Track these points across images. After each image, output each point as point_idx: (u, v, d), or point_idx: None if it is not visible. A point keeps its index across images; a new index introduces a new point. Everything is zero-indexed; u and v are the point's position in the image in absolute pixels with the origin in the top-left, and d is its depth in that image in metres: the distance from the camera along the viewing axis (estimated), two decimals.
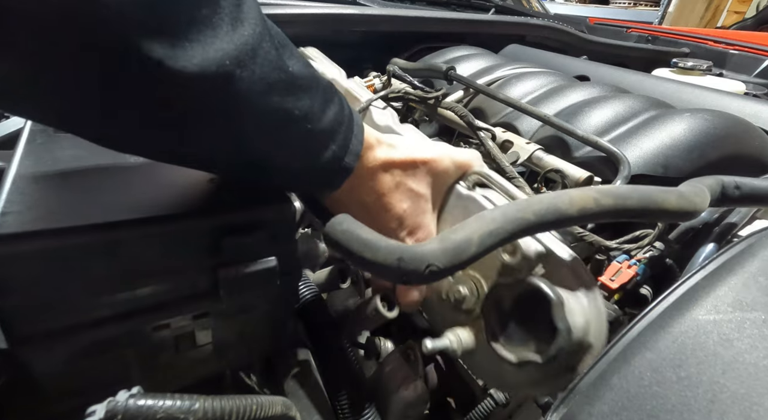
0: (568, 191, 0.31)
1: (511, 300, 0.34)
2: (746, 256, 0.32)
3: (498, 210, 0.29)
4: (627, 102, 0.62)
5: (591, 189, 0.31)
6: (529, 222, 0.28)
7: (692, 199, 0.34)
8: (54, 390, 0.33)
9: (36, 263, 0.28)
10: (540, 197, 0.30)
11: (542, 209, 0.29)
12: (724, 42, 1.40)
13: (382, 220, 0.40)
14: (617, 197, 0.31)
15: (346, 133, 0.35)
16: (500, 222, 0.28)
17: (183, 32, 0.22)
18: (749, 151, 0.58)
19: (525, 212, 0.28)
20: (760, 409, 0.22)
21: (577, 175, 0.49)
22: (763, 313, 0.27)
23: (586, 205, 0.30)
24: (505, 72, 0.82)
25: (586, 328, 0.32)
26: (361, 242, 0.28)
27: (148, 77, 0.23)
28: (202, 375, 0.43)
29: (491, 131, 0.58)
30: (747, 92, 1.06)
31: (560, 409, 0.27)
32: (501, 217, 0.28)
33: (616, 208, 0.31)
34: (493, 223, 0.28)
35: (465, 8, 1.42)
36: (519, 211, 0.29)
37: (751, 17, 3.31)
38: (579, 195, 0.30)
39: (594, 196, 0.30)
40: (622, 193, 0.31)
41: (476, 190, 0.42)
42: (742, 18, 3.97)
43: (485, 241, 0.27)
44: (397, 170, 0.40)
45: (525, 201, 0.30)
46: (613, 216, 0.31)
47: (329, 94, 0.33)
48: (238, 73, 0.25)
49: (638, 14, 4.31)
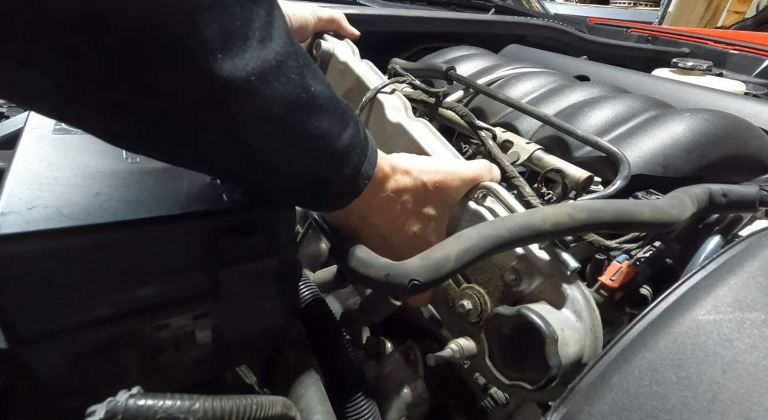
0: (543, 208, 0.33)
1: (510, 327, 0.36)
2: (746, 256, 0.32)
3: (474, 229, 0.32)
4: (627, 102, 0.62)
5: (565, 205, 0.34)
6: (504, 239, 0.31)
7: (668, 212, 0.36)
8: (54, 390, 0.33)
9: (36, 263, 0.28)
10: (515, 216, 0.33)
11: (516, 226, 0.32)
12: (724, 42, 1.40)
13: (394, 241, 0.42)
14: (591, 211, 0.33)
15: (360, 156, 0.35)
16: (476, 240, 0.31)
17: (216, 43, 0.23)
18: (749, 151, 0.58)
19: (500, 230, 0.31)
20: (760, 409, 0.22)
21: (578, 175, 0.49)
22: (763, 313, 0.27)
23: (559, 220, 0.32)
24: (505, 72, 0.82)
25: (580, 354, 0.34)
26: (357, 260, 0.35)
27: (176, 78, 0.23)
28: (202, 375, 0.43)
29: (492, 131, 0.58)
30: (747, 92, 1.06)
31: (560, 409, 0.27)
32: (477, 236, 0.31)
33: (590, 221, 0.33)
34: (470, 241, 0.31)
35: (465, 8, 1.42)
36: (494, 229, 0.32)
37: (751, 17, 3.31)
38: (552, 211, 0.33)
39: (567, 211, 0.33)
40: (595, 208, 0.33)
41: (487, 201, 0.43)
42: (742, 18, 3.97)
43: (462, 257, 0.31)
44: (408, 196, 0.41)
45: (501, 219, 0.33)
46: (588, 229, 0.34)
47: (347, 117, 0.34)
48: (262, 87, 0.26)
49: (638, 14, 4.32)
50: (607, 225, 0.34)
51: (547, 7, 1.94)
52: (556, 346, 0.32)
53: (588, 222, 0.33)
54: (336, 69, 0.69)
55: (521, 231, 0.31)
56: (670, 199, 0.38)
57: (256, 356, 0.48)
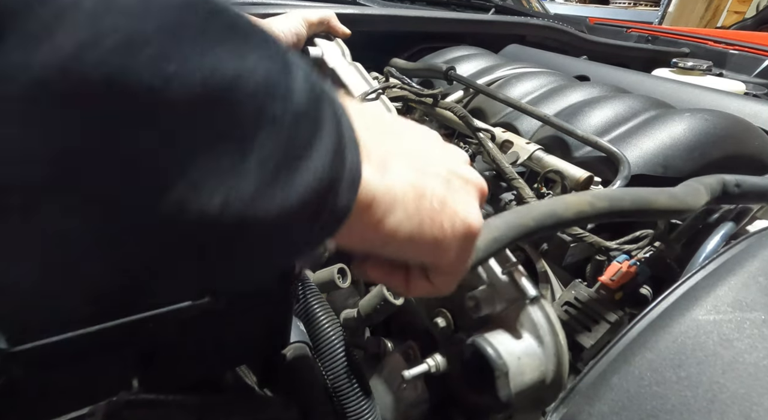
0: (565, 197, 0.33)
1: (470, 352, 0.37)
2: (746, 256, 0.32)
3: (500, 218, 0.32)
4: (627, 102, 0.62)
5: (586, 193, 0.34)
6: (529, 227, 0.31)
7: (683, 199, 0.36)
8: (54, 390, 0.33)
9: None
10: (538, 204, 0.33)
11: (541, 215, 0.31)
12: (724, 42, 1.40)
13: None
14: (612, 199, 0.33)
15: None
16: (503, 229, 0.31)
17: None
18: (749, 151, 0.58)
19: (525, 218, 0.31)
20: (760, 409, 0.22)
21: (577, 175, 0.49)
22: (763, 314, 0.27)
23: (582, 209, 0.32)
24: (505, 72, 0.82)
25: (540, 379, 0.35)
26: None
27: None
28: (202, 375, 0.43)
29: (491, 131, 0.58)
30: (747, 92, 1.06)
31: (560, 409, 0.27)
32: (504, 225, 0.31)
33: (611, 209, 0.33)
34: (497, 231, 0.31)
35: (465, 8, 1.42)
36: (519, 217, 0.31)
37: (751, 17, 3.31)
38: (575, 199, 0.33)
39: (589, 200, 0.33)
40: (615, 196, 0.34)
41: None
42: (742, 18, 3.96)
43: (490, 247, 0.30)
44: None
45: (525, 208, 0.32)
46: (608, 217, 0.34)
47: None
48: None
49: (638, 14, 4.31)
50: (626, 213, 0.34)
51: (547, 7, 1.94)
52: (507, 378, 0.34)
53: (609, 210, 0.33)
54: (327, 73, 0.69)
55: (546, 219, 0.31)
56: (685, 187, 0.39)
57: (256, 356, 0.48)
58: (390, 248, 0.25)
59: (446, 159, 0.28)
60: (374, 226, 0.23)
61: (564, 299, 0.45)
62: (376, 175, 0.23)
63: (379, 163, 0.23)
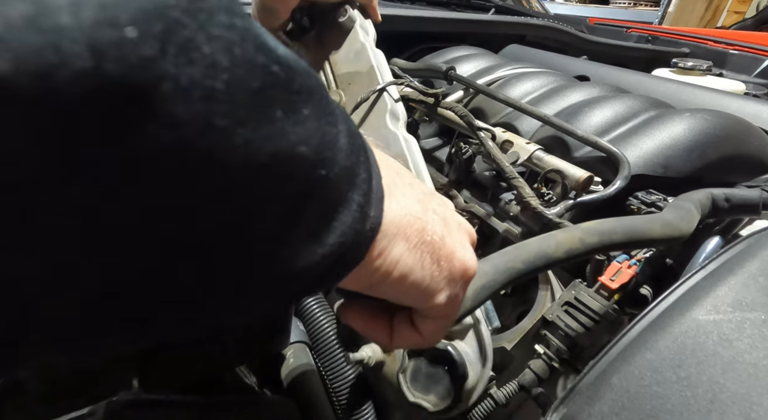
0: (555, 234, 0.33)
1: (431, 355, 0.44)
2: (746, 256, 0.32)
3: (489, 262, 0.31)
4: (627, 102, 0.62)
5: (576, 229, 0.34)
6: (519, 270, 0.31)
7: (677, 226, 0.36)
8: (54, 390, 0.33)
9: None
10: (528, 245, 0.32)
11: (531, 257, 0.31)
12: (724, 42, 1.40)
13: None
14: (602, 234, 0.33)
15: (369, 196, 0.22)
16: (491, 275, 0.30)
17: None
18: (749, 151, 0.58)
19: (515, 262, 0.30)
20: (760, 409, 0.22)
21: (578, 175, 0.49)
22: (763, 313, 0.27)
23: (572, 247, 0.32)
24: (505, 72, 0.82)
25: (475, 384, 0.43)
26: None
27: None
28: (202, 375, 0.43)
29: (491, 131, 0.58)
30: (747, 92, 1.06)
31: (560, 409, 0.27)
32: (492, 271, 0.30)
33: (602, 244, 0.33)
34: (485, 277, 0.30)
35: (465, 8, 1.42)
36: (509, 261, 0.31)
37: (751, 17, 3.31)
38: (564, 237, 0.32)
39: (579, 236, 0.33)
40: (606, 230, 0.33)
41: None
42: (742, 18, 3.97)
43: (479, 295, 0.29)
44: None
45: (514, 250, 0.32)
46: (600, 251, 0.34)
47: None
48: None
49: (638, 14, 4.32)
50: (619, 245, 0.34)
51: (547, 7, 1.94)
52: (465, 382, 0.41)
53: (600, 245, 0.33)
54: (352, 45, 0.66)
55: (536, 261, 0.31)
56: (677, 211, 0.38)
57: (256, 356, 0.48)
58: (384, 286, 0.23)
59: (441, 200, 0.28)
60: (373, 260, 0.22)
61: (564, 299, 0.45)
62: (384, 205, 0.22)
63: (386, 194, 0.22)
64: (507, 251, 0.31)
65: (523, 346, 0.48)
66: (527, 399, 0.46)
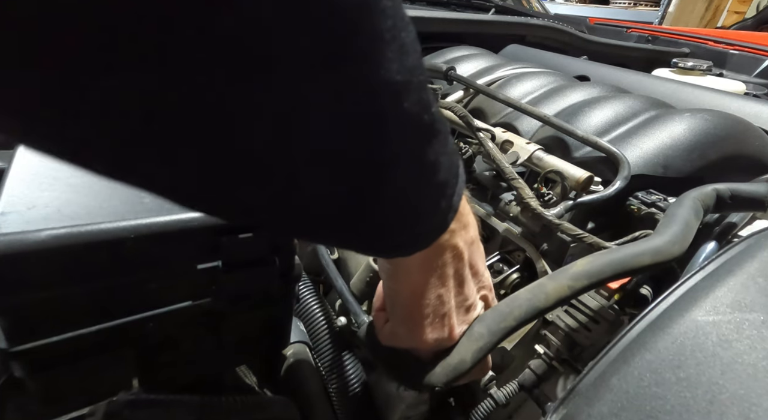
0: (544, 285, 0.34)
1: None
2: (745, 257, 0.32)
3: (484, 324, 0.33)
4: (627, 102, 0.62)
5: (564, 277, 0.35)
6: (512, 327, 0.33)
7: (669, 251, 0.37)
8: (54, 390, 0.33)
9: (36, 263, 0.28)
10: (519, 303, 0.34)
11: (522, 314, 0.33)
12: (724, 42, 1.40)
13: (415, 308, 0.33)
14: (591, 276, 0.35)
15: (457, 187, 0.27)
16: (487, 337, 0.33)
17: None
18: (749, 151, 0.58)
19: (507, 321, 0.33)
20: (759, 410, 0.22)
21: (577, 175, 0.49)
22: (762, 314, 0.27)
23: (561, 296, 0.34)
24: (505, 72, 0.82)
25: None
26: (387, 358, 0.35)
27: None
28: (202, 375, 0.43)
29: (491, 131, 0.58)
30: (747, 92, 1.06)
31: (560, 410, 0.27)
32: (487, 333, 0.33)
33: (591, 285, 0.35)
34: (481, 339, 0.33)
35: (465, 8, 1.42)
36: (502, 321, 0.33)
37: (751, 17, 3.31)
38: (554, 288, 0.34)
39: (568, 284, 0.34)
40: (595, 271, 0.35)
41: None
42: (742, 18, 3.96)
43: (477, 356, 0.32)
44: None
45: (507, 308, 0.33)
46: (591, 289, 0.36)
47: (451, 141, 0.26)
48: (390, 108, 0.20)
49: (638, 14, 4.32)
50: (611, 280, 0.35)
51: (547, 7, 1.94)
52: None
53: (589, 286, 0.35)
54: None
55: (527, 316, 0.33)
56: (671, 228, 0.39)
57: (256, 356, 0.48)
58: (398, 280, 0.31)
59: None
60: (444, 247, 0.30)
61: None
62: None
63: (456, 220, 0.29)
64: (498, 309, 0.34)
65: (523, 346, 0.48)
66: (527, 399, 0.46)
